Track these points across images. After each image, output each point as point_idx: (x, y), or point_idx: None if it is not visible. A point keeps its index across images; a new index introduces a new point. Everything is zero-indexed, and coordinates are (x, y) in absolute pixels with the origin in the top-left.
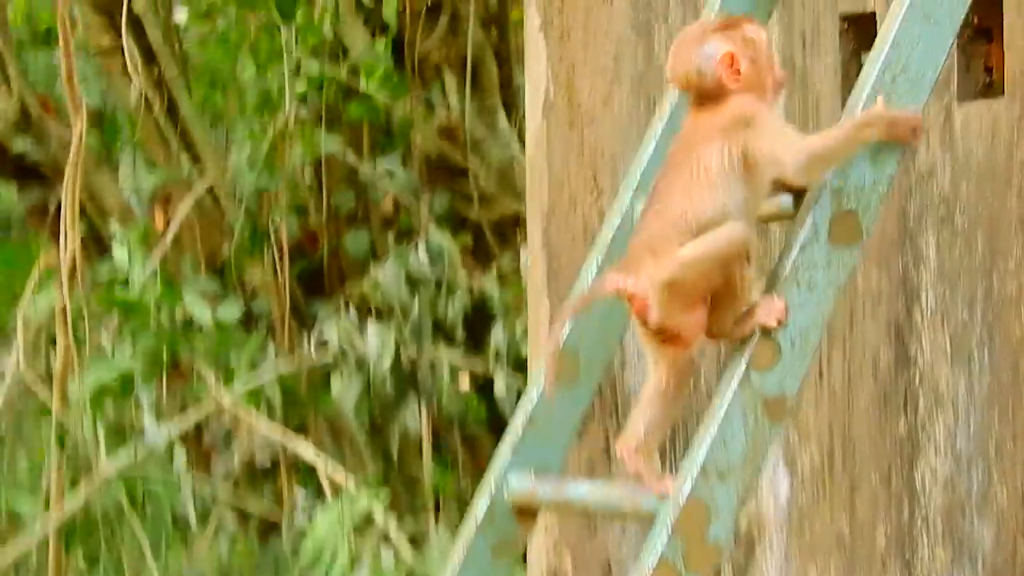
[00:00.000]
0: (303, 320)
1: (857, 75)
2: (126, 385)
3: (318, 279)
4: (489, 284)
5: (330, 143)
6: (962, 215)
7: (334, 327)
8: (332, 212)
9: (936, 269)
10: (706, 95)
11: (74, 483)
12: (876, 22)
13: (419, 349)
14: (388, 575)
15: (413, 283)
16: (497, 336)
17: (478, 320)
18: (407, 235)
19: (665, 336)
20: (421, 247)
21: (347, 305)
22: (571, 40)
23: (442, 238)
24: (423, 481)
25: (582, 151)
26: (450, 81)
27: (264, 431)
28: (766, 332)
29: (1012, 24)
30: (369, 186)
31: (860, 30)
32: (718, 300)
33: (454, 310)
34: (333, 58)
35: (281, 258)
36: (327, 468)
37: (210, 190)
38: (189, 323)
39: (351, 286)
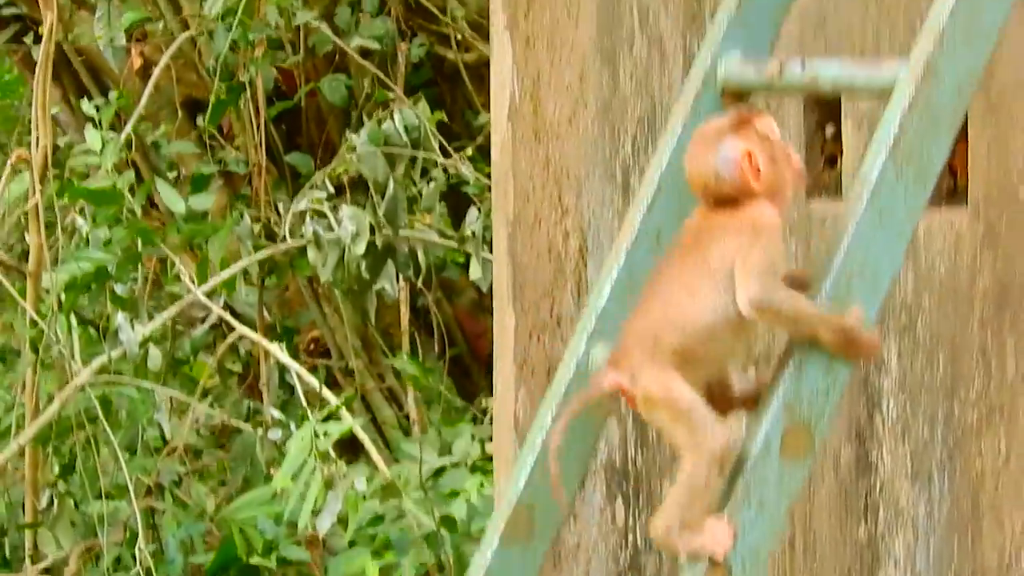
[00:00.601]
0: (282, 171)
1: (821, 151)
2: (100, 279)
3: (297, 123)
4: (465, 168)
5: None
6: (924, 328)
7: (309, 212)
8: (309, 52)
9: (897, 379)
10: (723, 197)
11: (48, 387)
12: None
13: (394, 230)
14: (359, 499)
15: (389, 155)
16: (472, 218)
17: (454, 199)
18: (383, 102)
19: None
20: (397, 117)
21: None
22: (537, 49)
23: (416, 113)
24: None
25: (547, 166)
26: None
27: (242, 331)
28: (713, 561)
29: (976, 139)
30: (347, 31)
31: (822, 104)
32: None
33: (429, 190)
34: None
35: (257, 113)
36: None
37: (185, 27)
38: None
39: (326, 161)
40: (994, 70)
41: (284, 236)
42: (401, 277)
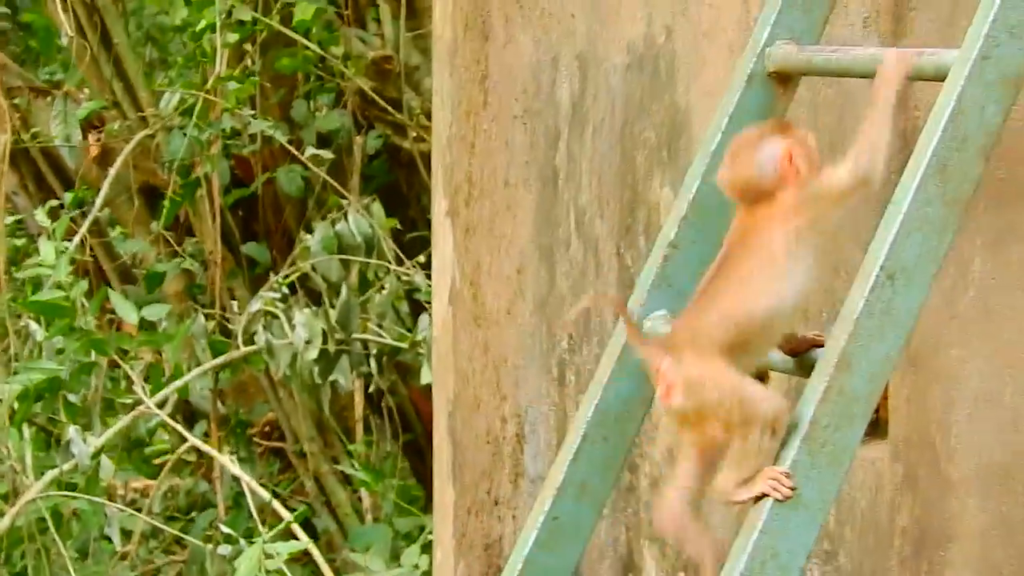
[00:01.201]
0: (239, 260)
1: None
2: (53, 389)
3: (255, 210)
4: (418, 275)
5: (261, 88)
6: (846, 557)
7: (261, 319)
8: (266, 141)
9: None
10: (762, 195)
11: (4, 497)
12: None
13: (347, 335)
14: None
15: (344, 251)
16: (424, 324)
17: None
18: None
19: (684, 422)
20: (351, 218)
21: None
22: (477, 236)
23: (370, 219)
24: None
25: (487, 352)
26: (385, 10)
27: (193, 442)
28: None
29: (897, 387)
30: (302, 124)
31: None
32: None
33: (382, 297)
34: (267, 5)
35: (213, 204)
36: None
37: (143, 119)
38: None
39: (283, 266)
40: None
41: (239, 336)
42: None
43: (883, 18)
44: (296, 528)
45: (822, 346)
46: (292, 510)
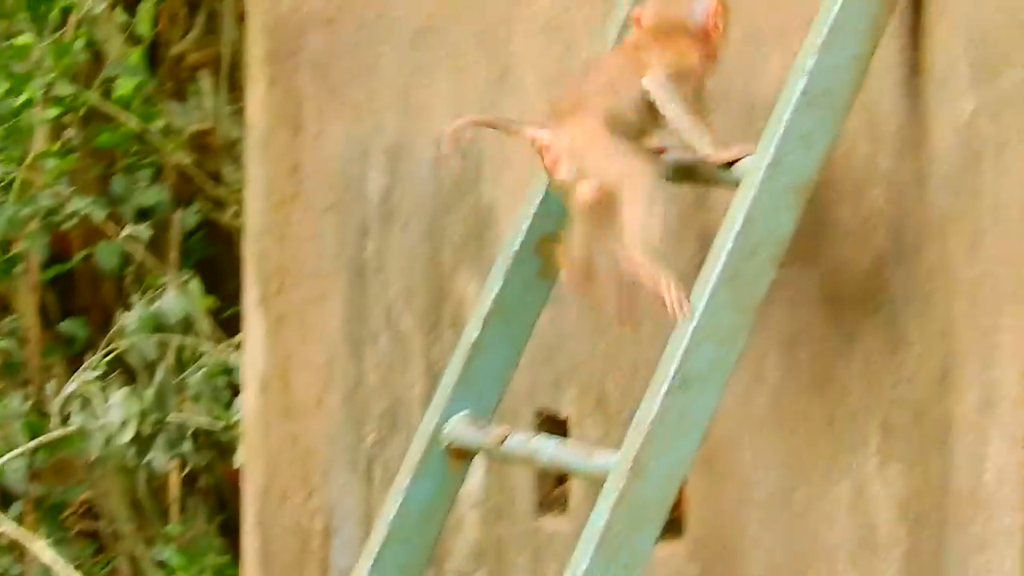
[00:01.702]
0: (57, 336)
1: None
2: None
3: (73, 285)
4: (235, 355)
5: (81, 163)
6: None
7: (78, 399)
8: (83, 222)
9: None
10: (675, 33)
11: None
12: (567, 427)
13: (163, 416)
14: None
15: (162, 329)
16: (240, 404)
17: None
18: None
19: (572, 190)
20: (169, 296)
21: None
22: (287, 327)
23: (189, 297)
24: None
25: (296, 444)
26: (205, 83)
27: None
28: None
29: (693, 484)
30: (121, 199)
31: (556, 426)
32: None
33: (200, 377)
34: (89, 77)
35: (32, 288)
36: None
37: None
38: None
39: (100, 338)
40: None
41: (55, 416)
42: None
43: None
44: None
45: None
46: None
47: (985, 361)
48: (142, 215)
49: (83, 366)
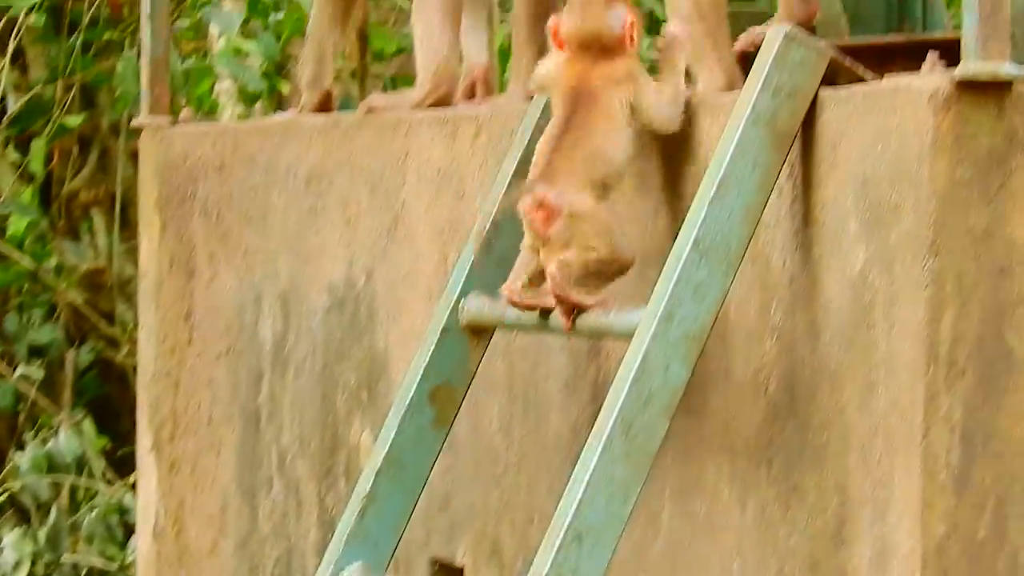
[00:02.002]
0: None
1: None
2: None
3: None
4: (129, 496)
5: None
6: None
7: None
8: None
9: None
10: (601, 51)
11: None
12: None
13: (56, 557)
14: None
15: (55, 469)
16: (134, 545)
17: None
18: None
19: (548, 246)
20: (62, 436)
21: None
22: (180, 473)
23: (82, 436)
24: None
25: None
26: (99, 221)
27: None
28: None
29: None
30: (14, 337)
31: (452, 574)
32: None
33: (93, 518)
34: None
35: None
36: None
37: None
38: None
39: None
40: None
41: None
42: None
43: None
44: None
45: None
46: None
47: (878, 513)
48: (35, 353)
49: None
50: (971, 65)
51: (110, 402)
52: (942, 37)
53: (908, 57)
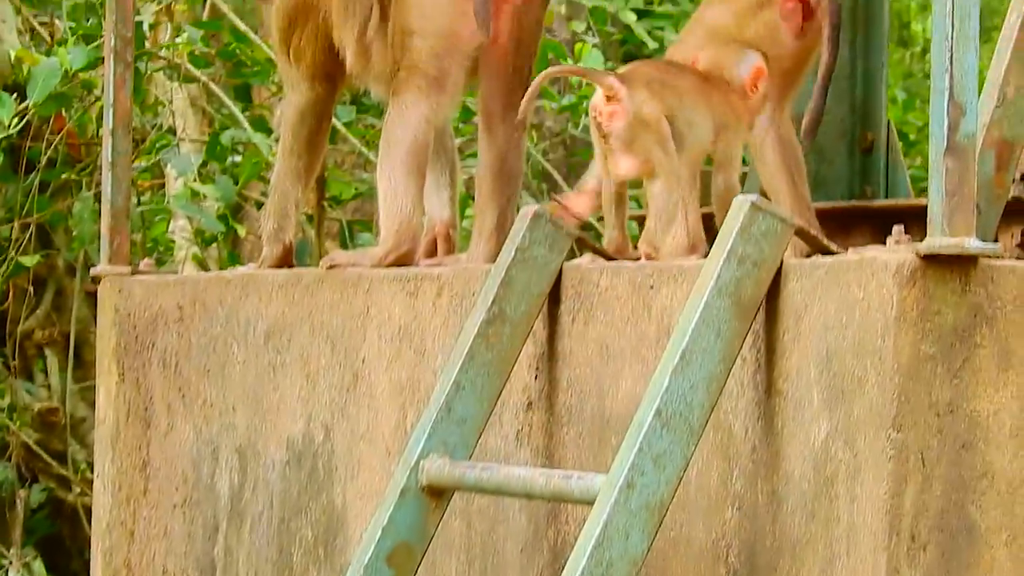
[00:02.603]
0: None
1: None
2: None
3: None
4: None
5: None
6: None
7: None
8: None
9: None
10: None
11: None
12: None
13: None
14: None
15: None
16: None
17: None
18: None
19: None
20: (12, 574)
21: None
22: None
23: None
24: None
25: None
26: (52, 361)
27: None
28: None
29: None
30: None
31: None
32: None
33: None
34: None
35: None
36: None
37: None
38: None
39: None
40: None
41: None
42: None
43: (535, 432)
44: None
45: None
46: None
47: None
48: None
49: None
50: (936, 240)
51: (61, 542)
52: (906, 203)
53: (872, 222)
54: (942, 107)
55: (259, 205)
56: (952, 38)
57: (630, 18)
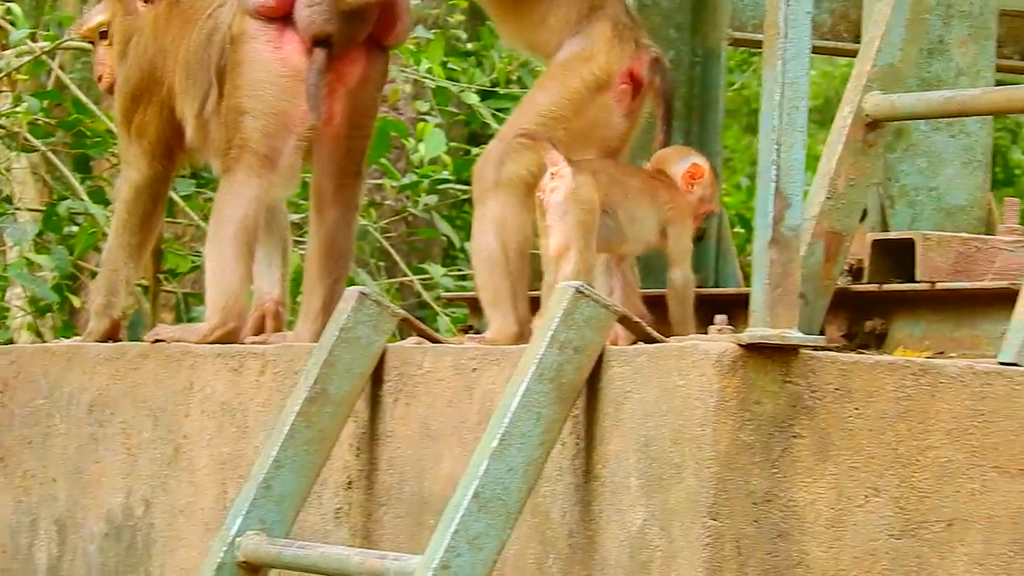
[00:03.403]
0: None
1: None
2: None
3: None
4: None
5: None
6: None
7: None
8: None
9: None
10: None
11: None
12: None
13: None
14: None
15: None
16: None
17: None
18: None
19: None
20: None
21: None
22: None
23: None
24: None
25: None
26: None
27: None
28: None
29: None
30: None
31: None
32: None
33: None
34: None
35: None
36: None
37: None
38: None
39: None
40: None
41: None
42: None
43: (354, 511)
44: None
45: None
46: None
47: None
48: None
49: None
50: (758, 330)
51: None
52: (734, 292)
53: (702, 311)
54: (767, 198)
55: (95, 275)
56: (779, 130)
57: (473, 99)
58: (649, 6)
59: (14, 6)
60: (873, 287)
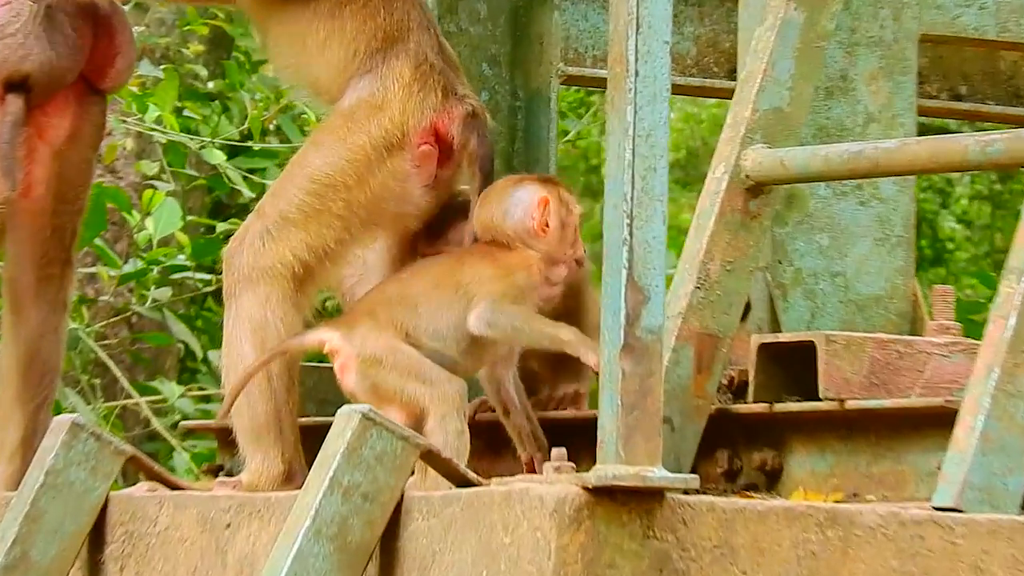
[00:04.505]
0: None
1: None
2: None
3: None
4: None
5: None
6: None
7: None
8: None
9: None
10: (504, 241)
11: None
12: None
13: None
14: None
15: None
16: None
17: None
18: None
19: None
20: None
21: None
22: None
23: None
24: None
25: None
26: None
27: None
28: None
29: None
30: None
31: None
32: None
33: None
34: None
35: None
36: None
37: None
38: None
39: None
40: None
41: None
42: None
43: None
44: None
45: None
46: None
47: None
48: None
49: None
50: (609, 468)
51: None
52: (575, 416)
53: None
54: (618, 291)
55: None
56: (631, 199)
57: (218, 157)
58: (455, 34)
59: None
60: (762, 407)
